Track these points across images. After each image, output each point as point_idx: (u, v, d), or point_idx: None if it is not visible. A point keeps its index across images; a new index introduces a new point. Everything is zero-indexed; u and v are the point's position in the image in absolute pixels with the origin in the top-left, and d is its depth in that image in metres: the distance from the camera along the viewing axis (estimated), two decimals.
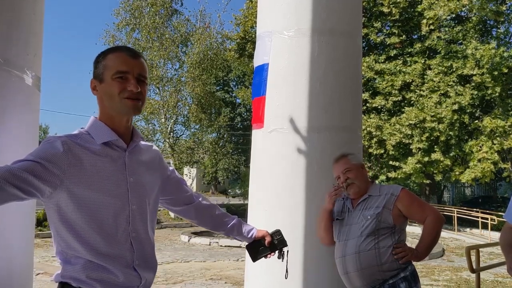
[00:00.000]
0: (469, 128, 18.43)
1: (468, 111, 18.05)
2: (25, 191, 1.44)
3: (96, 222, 1.56)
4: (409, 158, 18.51)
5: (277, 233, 2.13)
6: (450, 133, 17.77)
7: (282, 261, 2.11)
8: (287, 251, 2.16)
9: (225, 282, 8.43)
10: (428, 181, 19.94)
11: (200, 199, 2.02)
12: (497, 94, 17.52)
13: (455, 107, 17.41)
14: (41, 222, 14.93)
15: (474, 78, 17.49)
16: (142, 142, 1.78)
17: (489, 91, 17.54)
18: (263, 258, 2.12)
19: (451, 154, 18.29)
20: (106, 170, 1.60)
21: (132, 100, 1.61)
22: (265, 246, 2.07)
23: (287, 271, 2.26)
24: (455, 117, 17.57)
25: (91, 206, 1.56)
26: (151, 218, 1.76)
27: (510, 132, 17.36)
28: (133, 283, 1.63)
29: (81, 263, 1.57)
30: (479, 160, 17.53)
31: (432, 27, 18.19)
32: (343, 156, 2.83)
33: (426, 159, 18.22)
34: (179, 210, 2.01)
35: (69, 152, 1.54)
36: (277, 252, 2.13)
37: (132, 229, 1.64)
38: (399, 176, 19.02)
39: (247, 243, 2.14)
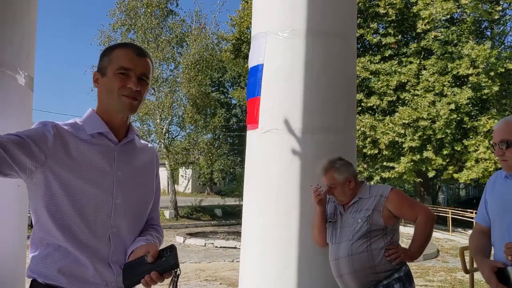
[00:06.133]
0: (465, 126, 18.47)
1: (463, 111, 18.10)
2: (5, 163, 1.44)
3: (76, 209, 1.55)
4: (402, 157, 18.56)
5: (169, 249, 1.51)
6: (447, 130, 17.79)
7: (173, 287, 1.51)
8: (178, 274, 1.52)
9: (220, 283, 8.42)
10: (419, 180, 20.00)
11: (155, 226, 1.84)
12: (494, 93, 17.56)
13: (452, 106, 17.46)
14: None
15: (470, 78, 17.55)
16: (141, 141, 1.79)
17: (486, 91, 17.58)
18: (139, 281, 1.50)
19: (444, 153, 18.32)
20: (93, 160, 1.59)
21: (129, 98, 1.61)
22: (145, 263, 1.49)
23: None
24: (453, 116, 17.61)
25: (73, 192, 1.54)
26: (140, 217, 1.73)
27: None
28: (106, 278, 1.60)
29: (54, 253, 1.55)
30: (476, 161, 17.57)
31: (428, 26, 18.24)
32: (330, 168, 2.78)
33: (417, 157, 18.27)
34: None
35: (58, 135, 1.55)
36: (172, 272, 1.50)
37: (112, 224, 1.61)
38: (393, 176, 19.07)
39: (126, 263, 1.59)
